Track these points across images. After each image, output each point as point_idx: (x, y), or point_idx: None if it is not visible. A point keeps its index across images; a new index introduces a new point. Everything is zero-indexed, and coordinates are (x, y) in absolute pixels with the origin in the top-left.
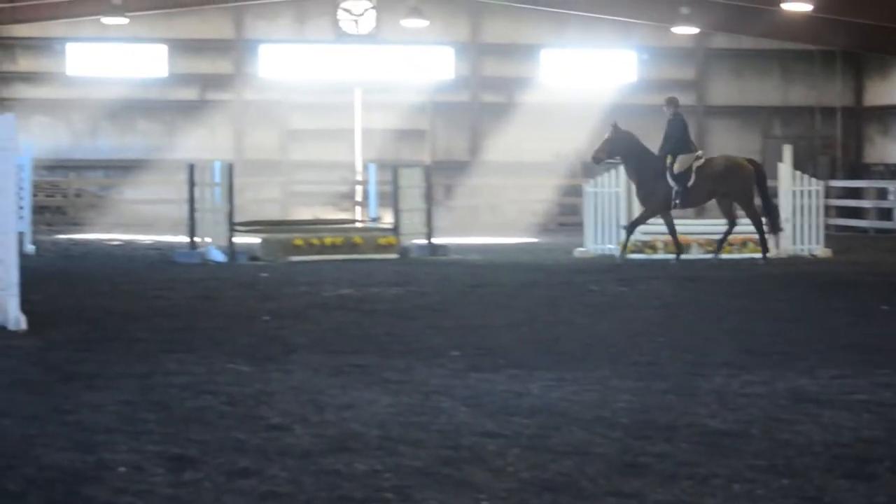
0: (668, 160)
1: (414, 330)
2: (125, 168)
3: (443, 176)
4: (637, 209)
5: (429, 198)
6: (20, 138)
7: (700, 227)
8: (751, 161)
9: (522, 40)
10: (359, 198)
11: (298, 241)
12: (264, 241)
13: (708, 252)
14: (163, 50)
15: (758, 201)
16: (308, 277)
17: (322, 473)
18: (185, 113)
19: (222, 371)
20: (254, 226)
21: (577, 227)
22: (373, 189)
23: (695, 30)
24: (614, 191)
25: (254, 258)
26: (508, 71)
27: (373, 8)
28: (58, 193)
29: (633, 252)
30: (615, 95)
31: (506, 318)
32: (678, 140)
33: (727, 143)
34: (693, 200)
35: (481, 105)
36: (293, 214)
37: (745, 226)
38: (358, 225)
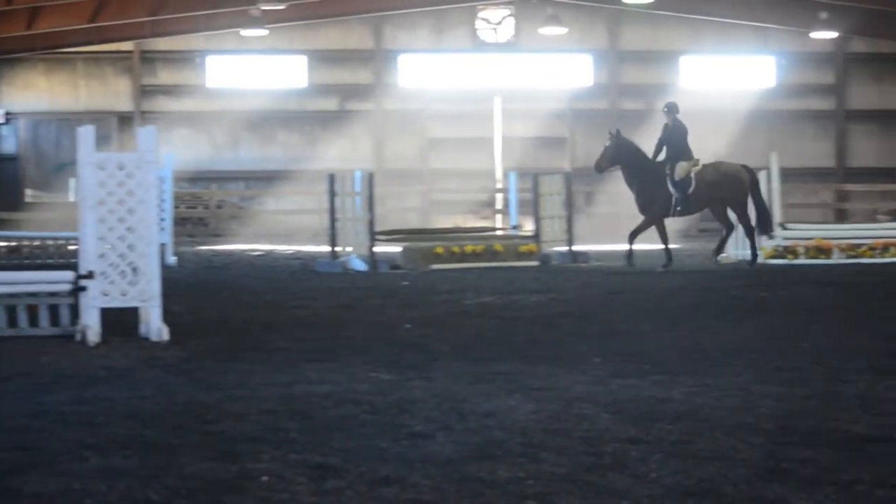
0: (668, 167)
1: (556, 337)
2: (266, 179)
3: (583, 183)
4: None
5: (569, 205)
6: (162, 150)
7: (841, 233)
8: (745, 167)
9: (661, 47)
10: (499, 206)
11: (439, 250)
12: (405, 249)
13: (849, 257)
14: (302, 61)
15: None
16: (449, 285)
17: (465, 481)
18: (325, 123)
19: (364, 380)
20: (394, 235)
21: (718, 232)
22: (513, 197)
23: (833, 34)
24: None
25: (395, 267)
26: (647, 78)
27: (511, 16)
28: (199, 205)
29: (773, 257)
30: (753, 101)
31: (648, 324)
32: (678, 147)
33: (867, 147)
34: (693, 207)
35: (620, 112)
36: (434, 223)
37: (883, 229)
38: (498, 233)
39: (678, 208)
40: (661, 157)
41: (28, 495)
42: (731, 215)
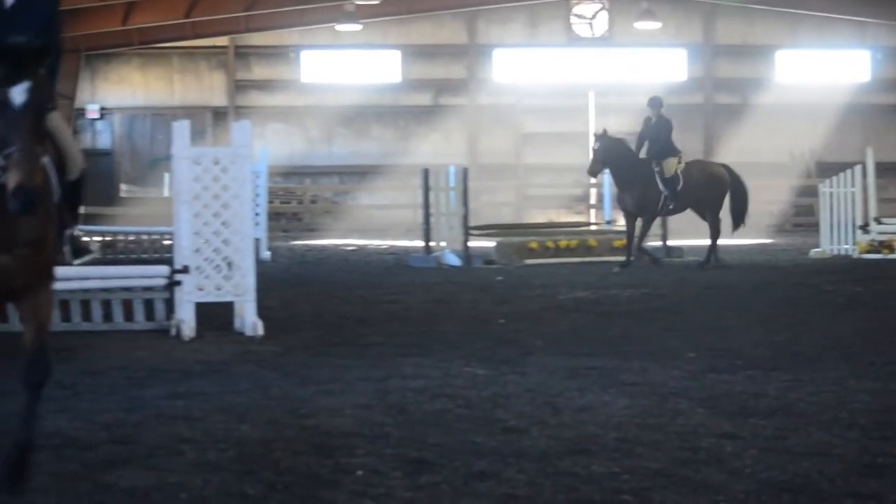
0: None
1: (650, 332)
2: (360, 174)
3: None
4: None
5: None
6: (256, 145)
7: None
8: (726, 167)
9: (756, 41)
10: (593, 200)
11: (533, 245)
12: (499, 244)
13: None
14: (396, 56)
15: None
16: (543, 280)
17: (559, 476)
18: (419, 118)
19: (458, 374)
20: (488, 229)
21: (813, 227)
22: (607, 191)
23: None
24: (850, 191)
25: (489, 262)
26: (742, 72)
27: (605, 11)
28: (293, 200)
29: (868, 252)
30: (849, 95)
31: (741, 319)
32: (665, 143)
33: None
34: (682, 204)
35: (714, 106)
36: (527, 218)
37: None
38: (592, 228)
39: (670, 206)
40: (643, 153)
41: (123, 489)
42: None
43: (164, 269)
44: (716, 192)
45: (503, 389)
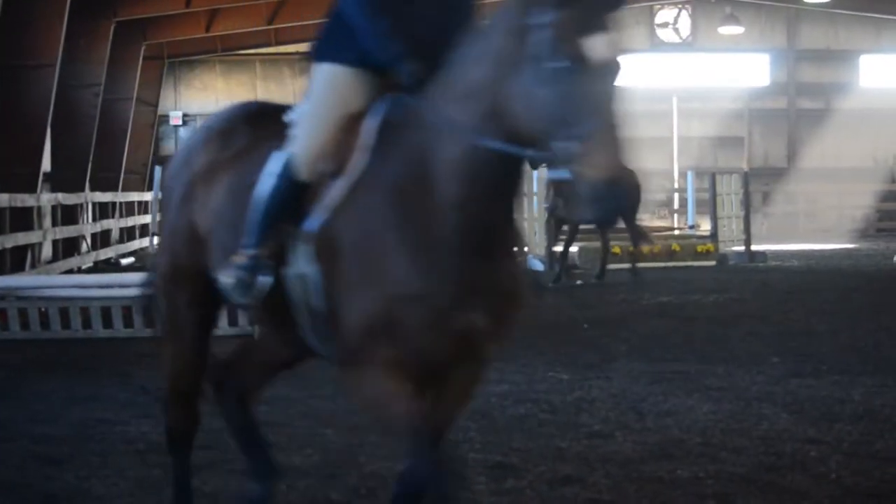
0: None
1: (734, 336)
2: None
3: (760, 183)
4: None
5: (747, 205)
6: None
7: None
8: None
9: (840, 46)
10: (676, 205)
11: (616, 250)
12: (582, 249)
13: None
14: None
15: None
16: (626, 285)
17: (644, 481)
18: None
19: (543, 379)
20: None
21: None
22: (690, 196)
23: None
24: None
25: (572, 266)
26: (826, 77)
27: (688, 16)
28: None
29: None
30: None
31: (826, 324)
32: None
33: None
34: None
35: (798, 111)
36: None
37: None
38: (676, 232)
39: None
40: None
41: (207, 494)
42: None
43: None
44: (635, 201)
45: (587, 394)
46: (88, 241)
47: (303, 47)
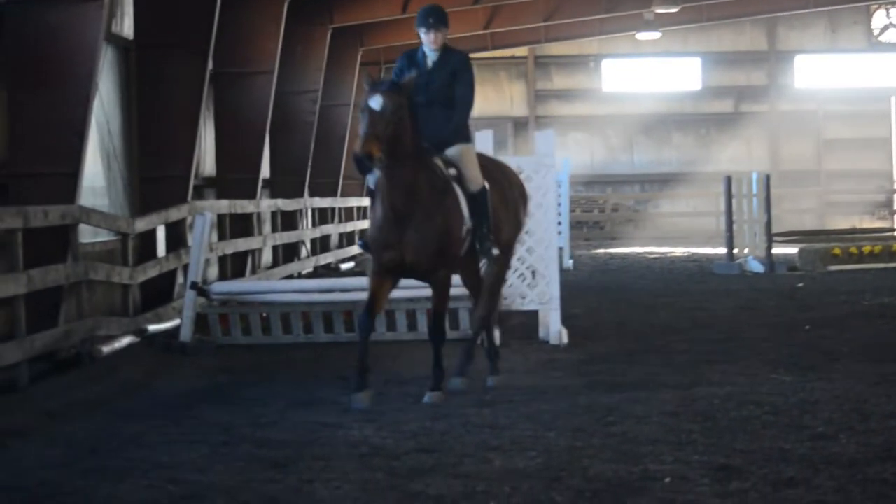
0: None
1: None
2: (660, 181)
3: None
4: None
5: None
6: (557, 154)
7: None
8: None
9: None
10: None
11: (836, 251)
12: (802, 251)
13: None
14: (696, 63)
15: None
16: (847, 286)
17: (869, 482)
18: (720, 125)
19: (765, 381)
20: (791, 236)
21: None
22: None
23: None
24: None
25: (792, 268)
26: None
27: None
28: (595, 208)
29: None
30: None
31: None
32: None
33: None
34: None
35: None
36: (830, 224)
37: None
38: None
39: None
40: None
41: (431, 497)
42: None
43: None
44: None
45: (810, 396)
46: (308, 246)
47: (520, 51)
